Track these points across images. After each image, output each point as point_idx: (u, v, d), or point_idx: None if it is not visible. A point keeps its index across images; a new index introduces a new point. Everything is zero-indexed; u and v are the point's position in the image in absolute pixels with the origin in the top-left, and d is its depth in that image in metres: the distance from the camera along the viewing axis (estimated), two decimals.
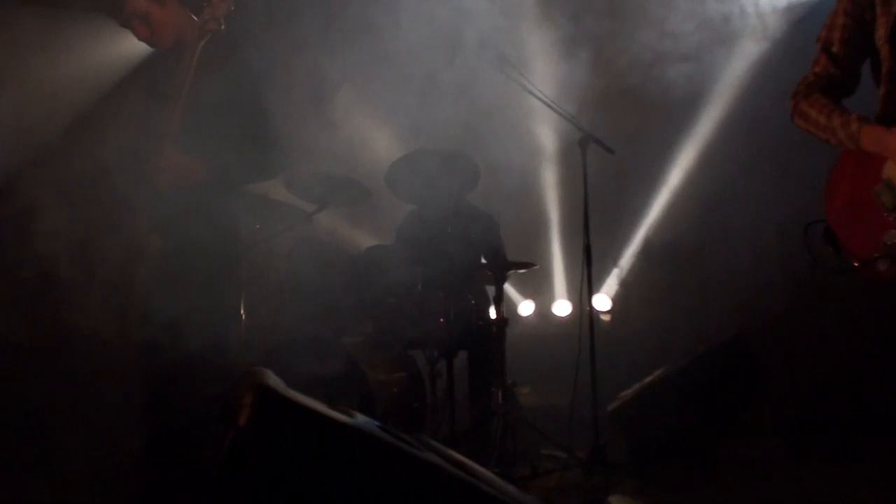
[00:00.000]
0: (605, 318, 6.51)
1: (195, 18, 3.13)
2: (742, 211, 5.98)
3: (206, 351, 2.93)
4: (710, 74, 5.99)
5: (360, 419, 1.97)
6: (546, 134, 6.43)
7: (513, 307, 7.00)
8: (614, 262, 6.69)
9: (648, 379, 4.85)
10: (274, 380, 1.92)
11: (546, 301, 6.97)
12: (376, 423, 2.01)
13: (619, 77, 5.95)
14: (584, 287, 4.41)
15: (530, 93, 4.37)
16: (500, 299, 4.49)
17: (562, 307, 6.88)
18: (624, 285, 6.67)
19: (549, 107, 4.45)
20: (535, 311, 7.00)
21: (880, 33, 2.52)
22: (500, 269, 4.46)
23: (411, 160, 4.79)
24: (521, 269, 4.66)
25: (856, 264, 2.43)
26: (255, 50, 3.17)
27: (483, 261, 4.92)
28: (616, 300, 6.69)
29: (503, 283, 4.54)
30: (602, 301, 6.67)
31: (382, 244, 4.78)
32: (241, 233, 3.34)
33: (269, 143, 3.21)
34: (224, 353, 3.05)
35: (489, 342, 4.50)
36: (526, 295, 7.06)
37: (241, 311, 3.86)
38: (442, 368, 4.37)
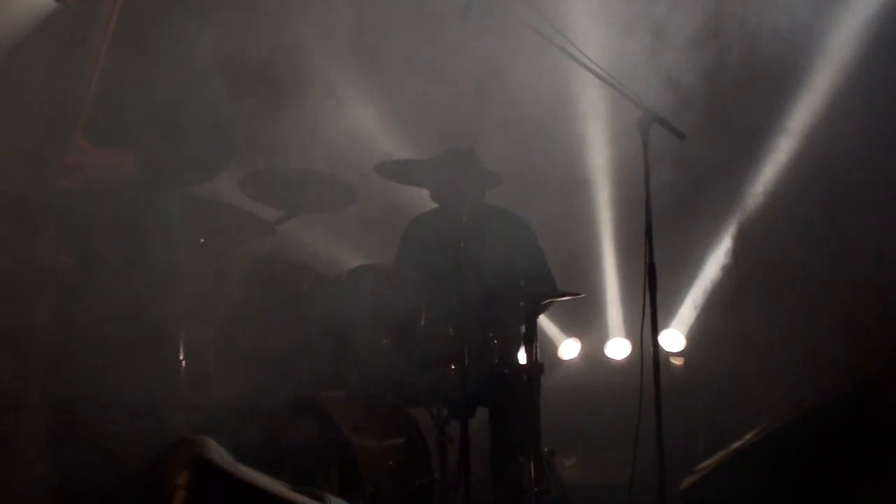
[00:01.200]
0: (677, 361, 6.54)
1: None
2: (863, 219, 5.94)
3: (131, 411, 2.93)
4: (820, 30, 6.02)
5: None
6: (594, 114, 6.42)
7: (551, 348, 6.97)
8: (688, 286, 6.62)
9: (736, 445, 4.67)
10: (217, 452, 1.96)
11: (596, 340, 6.97)
12: None
13: (692, 36, 6.00)
14: (645, 320, 4.31)
15: (570, 56, 4.24)
16: (532, 338, 4.52)
17: (618, 348, 6.87)
18: (702, 318, 6.66)
19: (597, 75, 4.31)
20: (581, 354, 7.00)
21: None
22: (535, 297, 4.44)
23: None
24: (561, 298, 4.63)
25: None
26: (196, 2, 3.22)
27: (521, 283, 4.83)
28: (691, 338, 6.67)
29: (537, 317, 4.51)
30: (672, 339, 6.66)
31: (371, 264, 4.75)
32: (179, 250, 3.33)
33: (214, 127, 3.22)
34: (155, 414, 3.05)
35: (517, 396, 4.49)
36: (569, 332, 7.05)
37: (180, 356, 3.81)
38: (454, 432, 4.35)
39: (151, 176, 3.13)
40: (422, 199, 5.41)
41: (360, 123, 6.29)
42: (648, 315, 4.33)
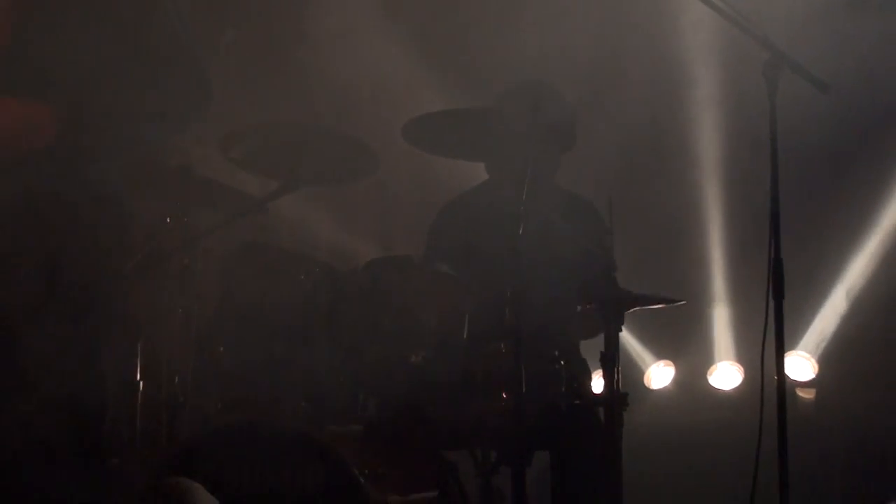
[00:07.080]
0: (806, 395, 6.71)
1: None
2: None
3: (70, 444, 3.05)
4: None
5: None
6: (697, 58, 6.43)
7: (636, 374, 7.16)
8: (823, 297, 6.78)
9: None
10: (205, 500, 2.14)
11: (697, 364, 7.15)
12: None
13: None
14: (767, 337, 4.20)
15: None
16: (611, 360, 4.36)
17: (726, 375, 7.05)
18: (842, 337, 6.78)
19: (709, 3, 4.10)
20: (675, 382, 7.20)
21: None
22: (609, 304, 4.35)
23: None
24: (649, 305, 4.52)
25: None
26: None
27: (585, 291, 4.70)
28: (826, 364, 6.79)
29: (617, 332, 4.40)
30: (799, 366, 6.79)
31: (396, 256, 4.75)
32: (132, 235, 3.45)
33: (177, 61, 3.28)
34: (106, 448, 3.26)
35: (590, 437, 4.47)
36: (660, 353, 7.24)
37: (137, 374, 4.04)
38: (505, 485, 4.25)
39: (79, 134, 3.15)
40: (466, 170, 5.45)
41: (388, 62, 6.19)
42: (772, 330, 4.21)
